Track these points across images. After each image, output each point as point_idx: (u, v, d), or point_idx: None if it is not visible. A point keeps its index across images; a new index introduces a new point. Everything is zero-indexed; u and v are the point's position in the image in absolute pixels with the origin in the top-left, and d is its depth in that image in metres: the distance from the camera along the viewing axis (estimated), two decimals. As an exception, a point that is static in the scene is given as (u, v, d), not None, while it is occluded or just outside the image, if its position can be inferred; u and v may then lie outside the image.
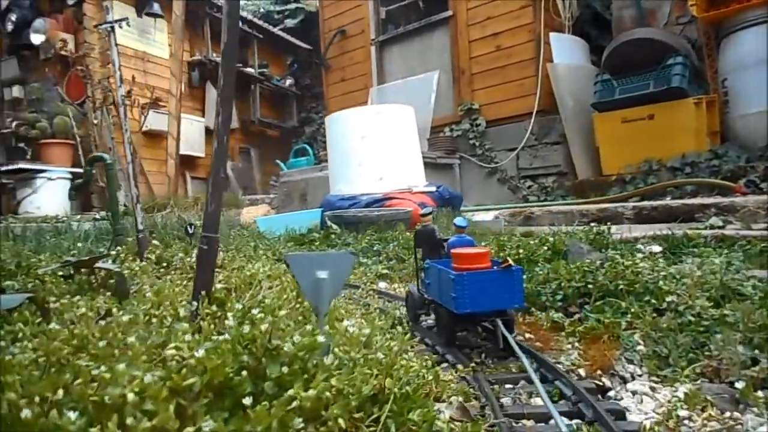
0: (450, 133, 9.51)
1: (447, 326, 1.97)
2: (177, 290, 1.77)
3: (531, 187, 8.74)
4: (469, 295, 1.80)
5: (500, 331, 1.79)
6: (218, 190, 1.53)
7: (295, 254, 1.22)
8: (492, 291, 1.82)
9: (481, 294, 1.81)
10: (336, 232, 5.05)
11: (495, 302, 1.83)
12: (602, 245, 3.49)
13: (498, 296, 1.83)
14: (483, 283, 1.82)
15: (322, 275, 1.20)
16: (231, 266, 2.59)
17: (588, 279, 2.40)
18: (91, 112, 9.50)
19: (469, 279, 1.81)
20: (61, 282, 2.29)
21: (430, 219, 2.30)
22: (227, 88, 1.52)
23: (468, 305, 1.80)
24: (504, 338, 1.78)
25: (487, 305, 1.82)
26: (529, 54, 8.87)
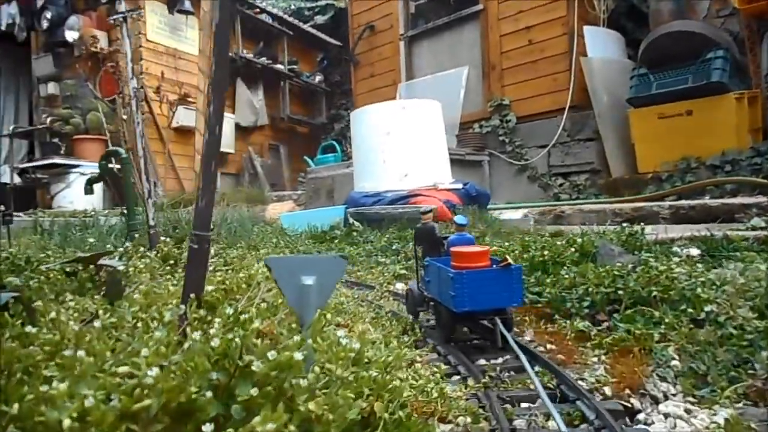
0: (479, 129, 9.32)
1: (446, 324, 1.97)
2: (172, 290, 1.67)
3: (562, 185, 8.50)
4: (468, 294, 1.80)
5: (499, 330, 1.80)
6: (209, 184, 1.41)
7: (278, 257, 1.09)
8: (491, 289, 1.82)
9: (480, 292, 1.81)
10: (358, 230, 4.93)
11: (494, 301, 1.84)
12: (635, 247, 3.27)
13: (497, 295, 1.83)
14: (482, 281, 1.82)
15: (308, 281, 1.07)
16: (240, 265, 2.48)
17: (618, 284, 2.21)
18: (120, 108, 9.59)
19: (468, 277, 1.81)
20: (64, 279, 2.22)
21: (431, 217, 2.29)
22: (220, 75, 1.41)
23: (467, 303, 1.81)
24: (503, 337, 1.78)
25: (485, 304, 1.83)
26: (562, 48, 8.63)
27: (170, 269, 2.49)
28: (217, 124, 1.39)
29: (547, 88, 8.76)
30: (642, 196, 6.65)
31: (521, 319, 2.25)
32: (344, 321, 1.94)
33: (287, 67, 13.04)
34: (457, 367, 1.71)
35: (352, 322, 2.00)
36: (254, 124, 12.42)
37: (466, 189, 6.07)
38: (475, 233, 4.52)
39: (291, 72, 13.12)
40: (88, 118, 9.89)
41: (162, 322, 1.32)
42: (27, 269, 2.48)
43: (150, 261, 2.40)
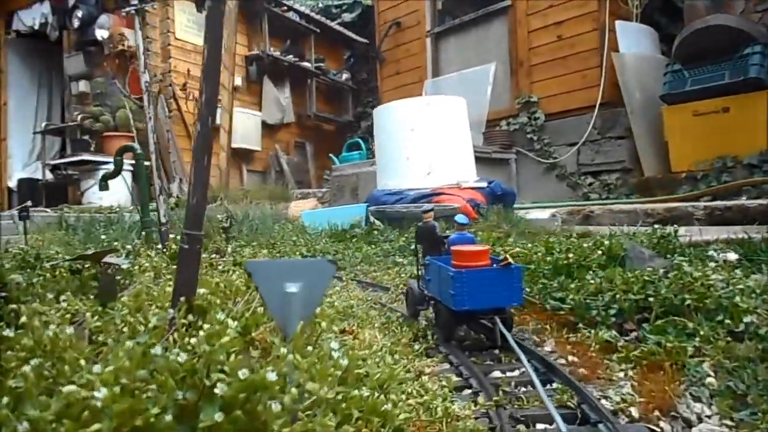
0: (506, 126, 9.15)
1: (446, 323, 1.97)
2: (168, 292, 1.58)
3: (592, 184, 8.27)
4: (468, 293, 1.80)
5: (498, 329, 1.80)
6: (201, 180, 1.31)
7: (259, 261, 0.98)
8: (491, 289, 1.82)
9: (480, 291, 1.81)
10: (379, 228, 4.82)
11: (494, 300, 1.84)
12: (667, 250, 3.07)
13: (497, 294, 1.83)
14: (482, 280, 1.82)
15: (292, 288, 0.96)
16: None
17: (648, 291, 2.05)
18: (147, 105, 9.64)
19: (468, 276, 1.81)
20: (69, 277, 2.16)
21: (431, 216, 2.28)
22: (212, 61, 1.31)
23: (467, 302, 1.80)
24: (502, 336, 1.78)
25: (485, 303, 1.83)
26: (592, 44, 8.40)
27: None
28: (209, 115, 1.29)
29: (576, 84, 8.54)
30: (675, 196, 6.42)
31: (542, 327, 2.10)
32: (349, 327, 1.83)
33: (314, 64, 13.02)
34: (469, 380, 1.59)
35: (359, 327, 1.89)
36: (281, 122, 12.43)
37: (491, 187, 5.91)
38: (499, 233, 4.37)
39: (318, 70, 13.10)
40: (118, 115, 10.00)
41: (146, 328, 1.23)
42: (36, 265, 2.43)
43: (157, 259, 2.33)
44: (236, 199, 8.24)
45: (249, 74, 11.96)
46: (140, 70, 3.02)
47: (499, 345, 1.84)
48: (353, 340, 1.70)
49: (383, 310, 2.35)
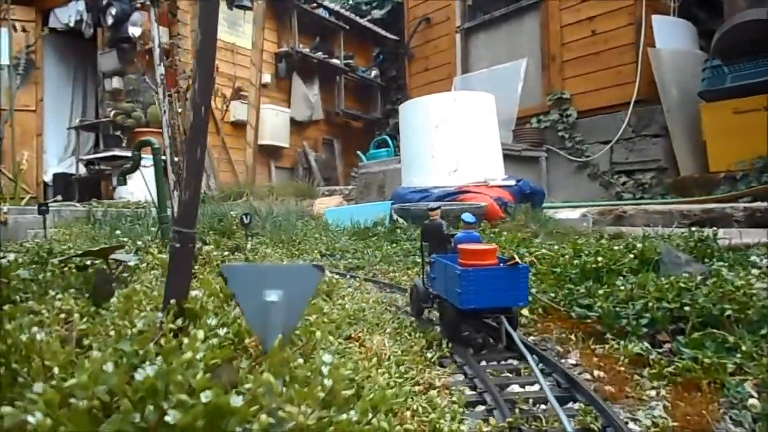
0: (537, 124, 8.96)
1: (451, 321, 1.94)
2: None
3: (626, 183, 8.04)
4: (474, 291, 1.78)
5: (504, 329, 1.78)
6: (194, 174, 1.22)
7: (237, 265, 0.88)
8: (497, 288, 1.80)
9: (486, 290, 1.79)
10: (402, 227, 4.71)
11: (500, 299, 1.82)
12: (705, 254, 2.87)
13: (503, 293, 1.81)
14: (488, 279, 1.80)
15: (272, 297, 0.86)
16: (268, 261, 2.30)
17: (684, 299, 1.89)
18: (176, 102, 9.71)
19: (474, 275, 1.79)
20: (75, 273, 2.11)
21: (438, 214, 2.25)
22: (206, 47, 1.21)
23: (473, 301, 1.78)
24: (508, 336, 1.76)
25: (491, 302, 1.81)
26: (628, 39, 8.19)
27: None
28: (202, 105, 1.20)
29: (610, 80, 8.33)
30: (713, 196, 6.17)
31: (566, 336, 1.95)
32: (356, 334, 1.72)
33: (343, 61, 12.96)
34: (483, 395, 1.46)
35: (369, 333, 1.78)
36: (309, 119, 12.41)
37: (519, 186, 5.74)
38: (526, 233, 4.22)
39: (347, 67, 13.04)
40: (149, 111, 10.09)
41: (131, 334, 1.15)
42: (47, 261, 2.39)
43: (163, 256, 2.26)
44: (262, 195, 8.22)
45: (278, 71, 11.96)
46: (155, 62, 2.97)
47: (505, 345, 1.82)
48: (359, 348, 1.59)
49: (397, 314, 2.24)
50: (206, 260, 2.39)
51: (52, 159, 12.05)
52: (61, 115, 12.27)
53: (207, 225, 5.21)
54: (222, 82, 10.42)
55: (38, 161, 11.43)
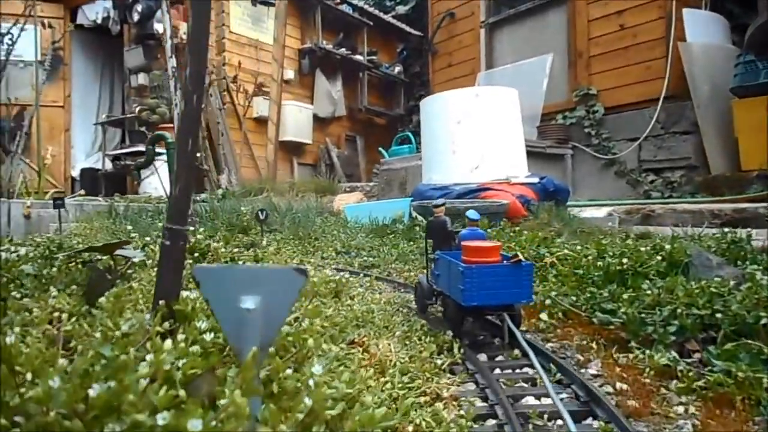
0: (562, 120, 8.77)
1: (454, 318, 1.95)
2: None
3: (654, 181, 7.81)
4: (477, 288, 1.79)
5: (507, 326, 1.80)
6: (185, 167, 1.15)
7: (210, 267, 0.80)
8: (500, 285, 1.80)
9: (489, 288, 1.79)
10: (421, 224, 4.61)
11: (503, 297, 1.82)
12: (738, 257, 2.70)
13: (506, 291, 1.81)
14: (491, 276, 1.80)
15: (249, 304, 0.77)
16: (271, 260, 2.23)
17: (716, 305, 1.76)
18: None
19: (477, 272, 1.79)
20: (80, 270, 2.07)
21: (443, 210, 2.23)
22: (198, 32, 1.13)
23: (475, 298, 1.79)
24: (510, 333, 1.78)
25: (494, 299, 1.82)
26: (657, 33, 7.95)
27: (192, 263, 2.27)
28: (195, 93, 1.12)
29: (639, 76, 8.10)
30: (745, 195, 5.94)
31: (587, 344, 1.84)
32: (360, 338, 1.62)
33: (366, 58, 12.88)
34: (495, 407, 1.35)
35: (376, 337, 1.68)
36: (332, 115, 12.37)
37: (543, 183, 5.58)
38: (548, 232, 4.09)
39: (370, 63, 12.96)
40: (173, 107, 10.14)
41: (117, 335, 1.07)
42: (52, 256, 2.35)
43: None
44: (282, 191, 8.18)
45: (301, 67, 11.94)
46: (167, 55, 2.92)
47: (507, 342, 1.84)
48: (362, 354, 1.50)
49: (409, 315, 2.14)
50: (214, 257, 2.33)
51: (80, 154, 12.21)
52: (89, 111, 12.43)
53: (225, 221, 5.18)
54: (245, 77, 10.43)
55: (66, 156, 11.58)
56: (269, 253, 2.81)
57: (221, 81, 10.45)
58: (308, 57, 11.89)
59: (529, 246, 3.01)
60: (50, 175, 10.19)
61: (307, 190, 8.33)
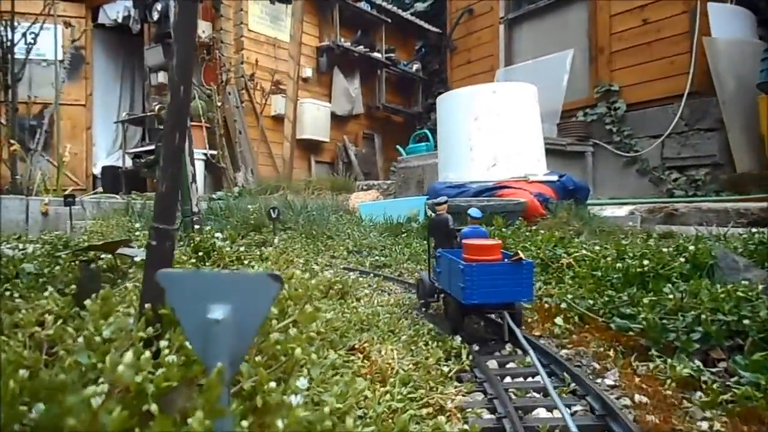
0: (583, 117, 8.60)
1: (454, 315, 1.95)
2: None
3: (677, 179, 7.62)
4: (478, 287, 1.79)
5: (507, 324, 1.81)
6: (172, 163, 1.08)
7: (175, 271, 0.72)
8: (501, 284, 1.81)
9: (489, 286, 1.80)
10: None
11: (503, 295, 1.83)
12: (766, 259, 2.58)
13: (507, 289, 1.82)
14: (492, 275, 1.81)
15: (217, 313, 0.70)
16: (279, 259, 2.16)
17: (743, 311, 1.65)
18: (215, 95, 9.76)
19: (478, 270, 1.80)
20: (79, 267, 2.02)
21: (445, 208, 2.24)
22: (185, 18, 1.07)
23: (476, 296, 1.80)
24: (510, 331, 1.78)
25: (495, 297, 1.82)
26: (681, 28, 7.74)
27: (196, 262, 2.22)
28: (181, 84, 1.05)
29: (662, 72, 7.89)
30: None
31: (604, 352, 1.73)
32: (360, 344, 1.54)
33: (384, 55, 12.80)
34: (502, 420, 1.27)
35: (380, 342, 1.60)
36: (349, 113, 12.33)
37: (562, 181, 5.45)
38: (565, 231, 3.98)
39: (388, 60, 12.87)
40: (193, 105, 10.18)
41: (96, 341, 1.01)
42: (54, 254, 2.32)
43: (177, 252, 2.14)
44: (298, 189, 8.15)
45: (319, 65, 11.91)
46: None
47: (506, 340, 1.85)
48: (362, 362, 1.42)
49: (417, 318, 2.07)
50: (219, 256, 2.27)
51: (101, 152, 12.33)
52: (110, 110, 12.55)
53: (240, 219, 5.15)
54: (262, 75, 10.42)
55: (88, 154, 11.70)
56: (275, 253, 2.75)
57: (239, 79, 10.47)
58: (326, 55, 11.85)
59: (545, 246, 2.91)
60: (72, 172, 10.29)
61: (323, 188, 8.30)
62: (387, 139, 13.17)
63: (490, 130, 5.65)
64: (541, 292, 2.38)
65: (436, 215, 2.26)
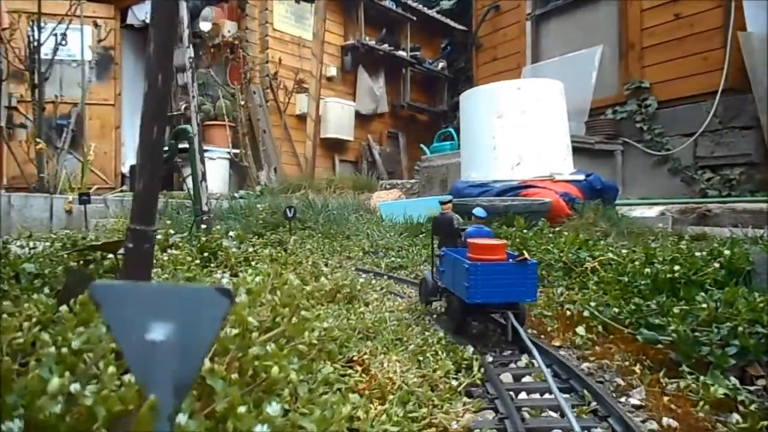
0: (612, 115, 8.38)
1: (457, 315, 1.95)
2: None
3: (711, 179, 7.35)
4: (482, 286, 1.78)
5: (510, 324, 1.79)
6: (150, 157, 0.99)
7: (111, 284, 0.62)
8: (505, 283, 1.80)
9: (493, 285, 1.79)
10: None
11: (507, 295, 1.82)
12: (809, 263, 2.39)
13: (511, 289, 1.81)
14: (496, 274, 1.80)
15: (157, 334, 0.60)
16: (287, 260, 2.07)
17: (785, 322, 1.51)
18: (239, 94, 9.77)
19: (482, 270, 1.79)
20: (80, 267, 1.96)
21: (450, 207, 2.23)
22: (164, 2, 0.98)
23: (480, 296, 1.79)
24: (514, 331, 1.77)
25: (499, 297, 1.81)
26: (715, 22, 7.49)
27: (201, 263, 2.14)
28: (159, 73, 0.96)
29: (695, 68, 7.63)
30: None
31: (629, 367, 1.59)
32: (359, 357, 1.43)
33: (409, 53, 12.70)
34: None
35: (384, 352, 1.49)
36: (374, 112, 12.26)
37: (589, 181, 5.27)
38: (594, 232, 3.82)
39: (413, 59, 12.77)
40: (217, 105, 10.22)
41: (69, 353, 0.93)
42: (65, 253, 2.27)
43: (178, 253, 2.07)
44: (320, 188, 8.09)
45: (344, 64, 11.86)
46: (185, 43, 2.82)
47: (510, 340, 1.82)
48: (360, 376, 1.31)
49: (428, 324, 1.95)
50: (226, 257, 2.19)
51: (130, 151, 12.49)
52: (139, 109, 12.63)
53: (258, 218, 5.10)
54: (285, 74, 10.40)
55: (117, 153, 11.85)
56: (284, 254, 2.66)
57: (264, 78, 10.47)
58: (351, 53, 11.80)
59: (568, 249, 2.76)
60: (101, 171, 10.41)
61: (345, 186, 8.22)
62: (411, 138, 13.07)
63: (515, 128, 5.49)
64: (563, 298, 2.24)
65: (441, 213, 2.24)
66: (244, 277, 1.25)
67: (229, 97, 10.07)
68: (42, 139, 7.76)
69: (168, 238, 2.28)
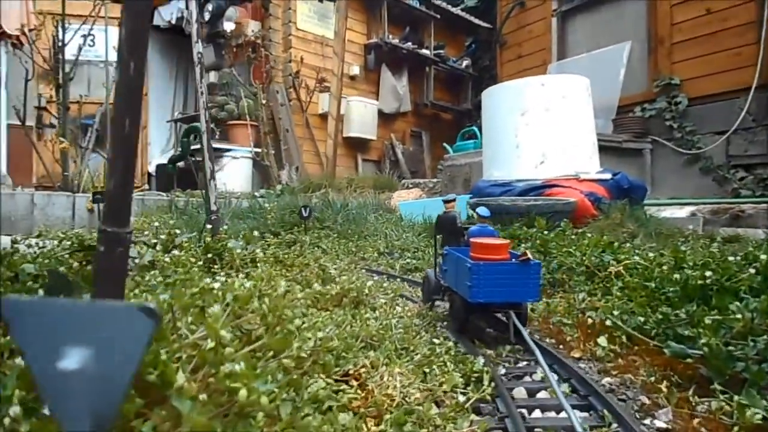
0: (641, 113, 8.17)
1: (460, 314, 1.94)
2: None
3: (744, 179, 7.10)
4: (485, 285, 1.78)
5: (512, 323, 1.79)
6: (123, 154, 0.91)
7: (24, 300, 0.53)
8: (508, 283, 1.79)
9: (496, 285, 1.79)
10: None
11: (510, 294, 1.81)
12: None
13: (513, 289, 1.80)
14: (499, 274, 1.79)
15: (70, 363, 0.50)
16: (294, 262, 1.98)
17: (829, 336, 1.36)
18: (261, 93, 9.77)
19: (485, 269, 1.79)
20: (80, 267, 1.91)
21: (453, 206, 2.23)
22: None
23: (482, 295, 1.79)
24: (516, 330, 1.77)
25: (501, 296, 1.81)
26: (748, 17, 7.28)
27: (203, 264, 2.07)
28: (131, 60, 0.88)
29: (727, 64, 7.40)
30: None
31: (655, 383, 1.46)
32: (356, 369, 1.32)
33: (433, 52, 12.57)
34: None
35: (386, 363, 1.39)
36: (397, 111, 12.16)
37: (616, 180, 5.09)
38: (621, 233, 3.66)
39: (437, 57, 12.64)
40: (241, 104, 10.25)
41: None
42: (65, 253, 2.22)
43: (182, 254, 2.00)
44: (341, 187, 8.02)
45: (367, 63, 11.80)
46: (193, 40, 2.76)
47: (512, 340, 1.83)
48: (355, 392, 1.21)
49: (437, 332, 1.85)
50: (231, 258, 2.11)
51: (156, 150, 12.63)
52: (164, 109, 12.85)
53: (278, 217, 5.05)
54: (307, 73, 10.38)
55: (143, 152, 11.98)
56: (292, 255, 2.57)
57: (287, 78, 10.46)
58: (374, 52, 11.73)
59: (591, 251, 2.62)
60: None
61: (366, 186, 8.14)
62: (435, 137, 12.94)
63: (539, 126, 5.33)
64: (584, 304, 2.11)
65: (445, 212, 2.22)
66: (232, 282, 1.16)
67: (251, 97, 10.08)
68: (67, 139, 7.84)
69: (173, 238, 2.22)
